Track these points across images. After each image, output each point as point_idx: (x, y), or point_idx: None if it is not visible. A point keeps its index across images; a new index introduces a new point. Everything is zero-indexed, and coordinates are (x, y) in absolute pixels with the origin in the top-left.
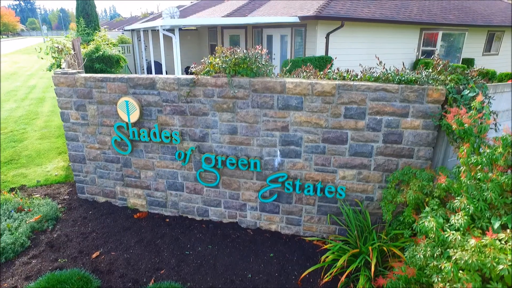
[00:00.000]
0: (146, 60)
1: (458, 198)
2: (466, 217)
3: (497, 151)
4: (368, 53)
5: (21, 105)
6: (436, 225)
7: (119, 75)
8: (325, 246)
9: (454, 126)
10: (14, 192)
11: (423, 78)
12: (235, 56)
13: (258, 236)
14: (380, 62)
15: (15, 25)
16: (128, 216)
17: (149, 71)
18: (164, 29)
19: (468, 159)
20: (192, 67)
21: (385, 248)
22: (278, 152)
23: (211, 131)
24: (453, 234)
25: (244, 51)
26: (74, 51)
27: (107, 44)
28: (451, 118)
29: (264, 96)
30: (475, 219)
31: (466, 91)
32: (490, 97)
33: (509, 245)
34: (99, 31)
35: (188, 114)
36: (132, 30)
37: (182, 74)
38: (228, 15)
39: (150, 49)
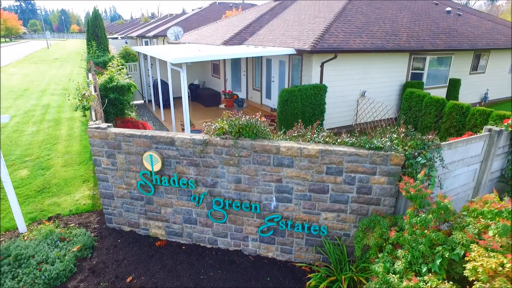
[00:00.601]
0: (152, 77)
1: (401, 250)
2: (404, 264)
3: (429, 216)
4: (362, 78)
5: (41, 128)
6: (382, 270)
7: (144, 132)
8: (310, 275)
9: (403, 193)
10: (52, 221)
11: (388, 146)
12: (239, 122)
13: (258, 262)
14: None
15: (18, 29)
16: (151, 244)
17: (155, 89)
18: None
19: (411, 220)
20: (204, 126)
21: (355, 278)
22: (274, 198)
23: (220, 180)
24: (393, 277)
25: (247, 117)
26: (93, 80)
27: (119, 74)
28: (402, 186)
29: (262, 155)
30: (412, 264)
31: (419, 158)
32: (440, 158)
33: (429, 286)
34: (109, 52)
35: (201, 166)
36: (138, 53)
37: (187, 91)
38: (230, 39)
39: (157, 68)
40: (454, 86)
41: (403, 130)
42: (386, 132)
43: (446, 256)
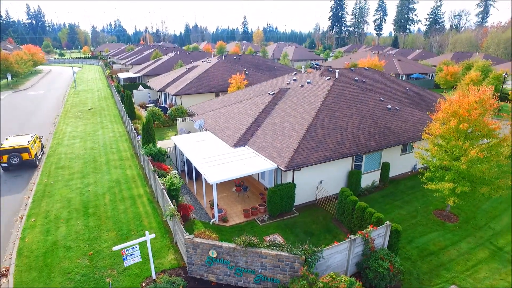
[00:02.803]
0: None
1: None
2: None
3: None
4: (319, 173)
5: (127, 206)
6: None
7: (209, 242)
8: None
9: (301, 273)
10: (163, 272)
11: (300, 251)
12: (247, 240)
13: None
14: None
15: (43, 60)
16: (210, 283)
17: (188, 164)
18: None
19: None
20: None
21: None
22: (260, 268)
23: (263, 259)
24: None
25: (251, 237)
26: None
27: (175, 178)
28: (301, 270)
29: (254, 252)
30: None
31: (310, 258)
32: (322, 256)
33: None
34: (156, 143)
35: (232, 256)
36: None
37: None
38: (239, 140)
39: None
40: (385, 167)
41: (307, 247)
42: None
43: None
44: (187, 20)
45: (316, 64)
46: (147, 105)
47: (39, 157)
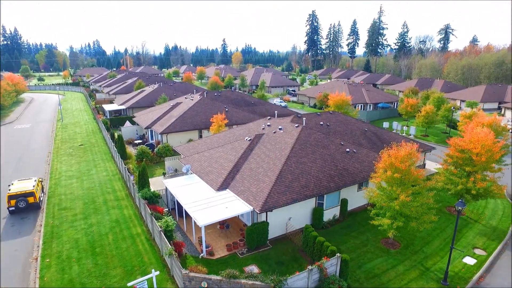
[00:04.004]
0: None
1: None
2: None
3: None
4: (288, 211)
5: (129, 244)
6: None
7: (200, 275)
8: None
9: None
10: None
11: (270, 280)
12: (230, 273)
13: None
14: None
15: (25, 89)
16: None
17: (178, 204)
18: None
19: None
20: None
21: None
22: None
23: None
24: None
25: (234, 271)
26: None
27: (170, 220)
28: None
29: (236, 283)
30: None
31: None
32: (287, 284)
33: None
34: (150, 186)
35: (219, 287)
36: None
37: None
38: (221, 184)
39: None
40: (344, 203)
41: (275, 277)
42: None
43: None
44: (166, 41)
45: (292, 91)
46: (135, 141)
47: (41, 198)
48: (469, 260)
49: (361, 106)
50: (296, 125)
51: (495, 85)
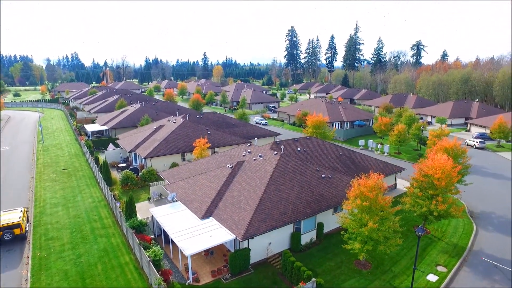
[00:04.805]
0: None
1: None
2: None
3: None
4: (268, 236)
5: (118, 274)
6: None
7: None
8: None
9: None
10: None
11: None
12: None
13: None
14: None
15: (2, 108)
16: None
17: (164, 231)
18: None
19: None
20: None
21: None
22: None
23: None
24: None
25: None
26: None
27: (157, 250)
28: None
29: None
30: None
31: None
32: None
33: None
34: (137, 216)
35: None
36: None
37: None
38: (205, 213)
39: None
40: (320, 227)
41: None
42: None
43: None
44: (147, 54)
45: (272, 107)
46: (119, 165)
47: (27, 229)
48: (432, 277)
49: (338, 124)
50: (275, 152)
51: (461, 102)
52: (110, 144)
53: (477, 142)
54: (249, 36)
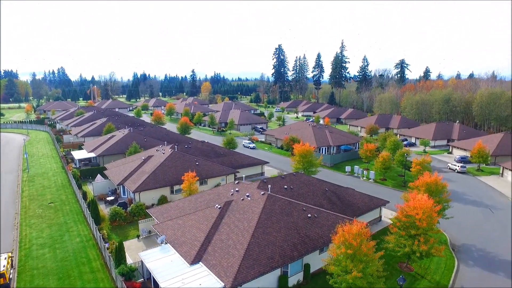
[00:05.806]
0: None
1: None
2: None
3: None
4: (258, 282)
5: None
6: None
7: None
8: None
9: None
10: None
11: None
12: None
13: None
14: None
15: None
16: None
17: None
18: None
19: None
20: None
21: None
22: None
23: None
24: None
25: None
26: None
27: None
28: None
29: None
30: None
31: None
32: None
33: None
34: (125, 260)
35: None
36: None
37: None
38: (195, 257)
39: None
40: (307, 268)
41: None
42: None
43: None
44: (135, 69)
45: (260, 128)
46: (107, 198)
47: (11, 276)
48: None
49: (325, 149)
50: (262, 192)
51: (443, 123)
52: (98, 175)
53: (458, 166)
54: (238, 50)
